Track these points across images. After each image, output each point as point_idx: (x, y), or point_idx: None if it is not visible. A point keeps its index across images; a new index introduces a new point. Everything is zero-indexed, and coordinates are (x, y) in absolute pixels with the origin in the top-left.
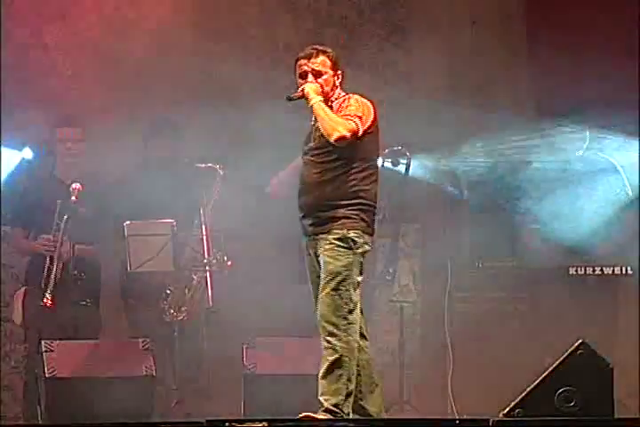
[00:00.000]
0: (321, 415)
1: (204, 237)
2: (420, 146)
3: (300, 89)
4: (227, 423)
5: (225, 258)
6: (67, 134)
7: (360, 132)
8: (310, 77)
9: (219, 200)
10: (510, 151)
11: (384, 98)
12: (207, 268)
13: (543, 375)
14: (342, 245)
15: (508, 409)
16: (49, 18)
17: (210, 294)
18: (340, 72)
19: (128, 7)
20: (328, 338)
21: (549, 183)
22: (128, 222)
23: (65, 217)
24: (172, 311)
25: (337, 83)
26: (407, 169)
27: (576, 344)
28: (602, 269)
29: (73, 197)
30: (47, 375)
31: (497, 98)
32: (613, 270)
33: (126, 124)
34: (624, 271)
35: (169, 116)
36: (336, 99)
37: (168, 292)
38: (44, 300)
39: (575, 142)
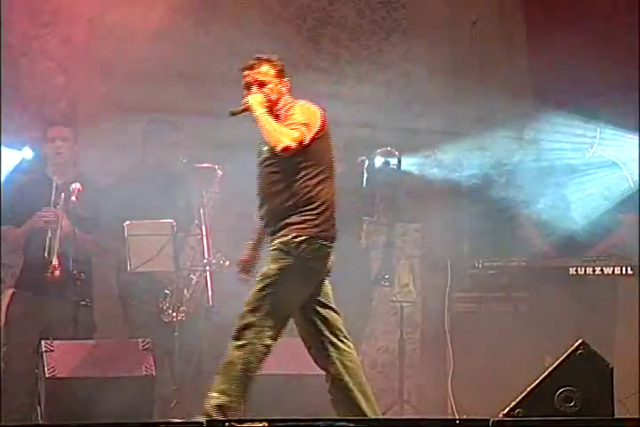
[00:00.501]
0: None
1: (204, 237)
2: (419, 144)
3: (243, 102)
4: (227, 423)
5: (224, 258)
6: (56, 134)
7: (306, 140)
8: (255, 88)
9: (218, 200)
10: (510, 150)
11: (384, 97)
12: (207, 268)
13: (543, 375)
14: (283, 249)
15: (508, 409)
16: (42, 22)
17: (209, 293)
18: (286, 79)
19: (127, 7)
20: (236, 334)
21: (549, 181)
22: (128, 222)
23: (62, 195)
24: (170, 311)
25: (283, 90)
26: (399, 167)
27: (576, 344)
28: (602, 269)
29: (73, 197)
30: (47, 375)
31: (497, 97)
32: (613, 270)
33: (125, 125)
34: (624, 271)
35: (167, 117)
36: (283, 106)
37: (167, 292)
38: (50, 271)
39: (578, 139)
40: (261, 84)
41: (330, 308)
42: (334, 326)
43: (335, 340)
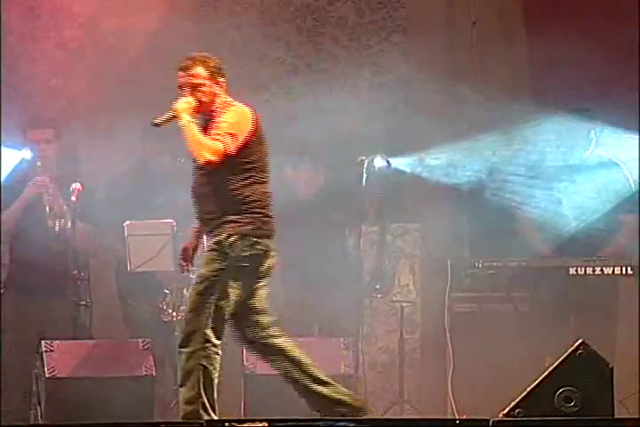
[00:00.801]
0: None
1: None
2: (420, 144)
3: (169, 110)
4: (226, 423)
5: None
6: (39, 136)
7: (231, 150)
8: (187, 90)
9: None
10: (510, 149)
11: (384, 97)
12: None
13: (543, 375)
14: (217, 249)
15: (508, 409)
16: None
17: None
18: (221, 80)
19: (126, 7)
20: (184, 339)
21: (549, 180)
22: (128, 222)
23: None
24: (170, 311)
25: (218, 92)
26: (389, 167)
27: (576, 344)
28: (602, 270)
29: (73, 198)
30: (47, 375)
31: (497, 97)
32: (613, 270)
33: (123, 125)
34: (624, 271)
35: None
36: (216, 108)
37: (167, 292)
38: (57, 227)
39: (577, 140)
40: (194, 87)
41: (261, 312)
42: (266, 327)
43: (271, 340)
